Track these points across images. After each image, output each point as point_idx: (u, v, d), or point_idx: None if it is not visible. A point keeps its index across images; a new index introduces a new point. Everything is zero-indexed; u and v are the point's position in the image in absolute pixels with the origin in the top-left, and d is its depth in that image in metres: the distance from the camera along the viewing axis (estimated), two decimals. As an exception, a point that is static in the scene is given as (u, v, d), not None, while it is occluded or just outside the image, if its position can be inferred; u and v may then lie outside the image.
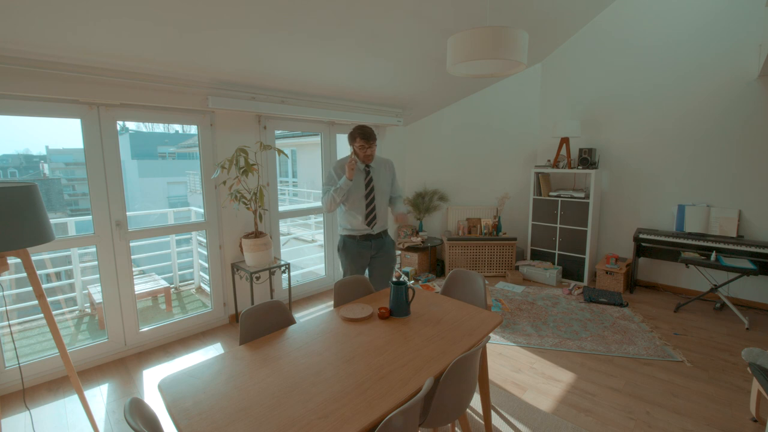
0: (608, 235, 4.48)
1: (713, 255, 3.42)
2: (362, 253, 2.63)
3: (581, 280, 4.30)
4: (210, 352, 2.96)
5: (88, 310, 3.90)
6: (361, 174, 2.56)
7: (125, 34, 2.19)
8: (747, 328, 3.21)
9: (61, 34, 2.06)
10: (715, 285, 3.50)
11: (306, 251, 6.63)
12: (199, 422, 1.16)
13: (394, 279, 2.51)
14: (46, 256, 3.73)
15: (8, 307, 3.24)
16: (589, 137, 4.45)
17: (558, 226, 4.39)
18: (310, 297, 4.09)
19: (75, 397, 2.38)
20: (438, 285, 4.29)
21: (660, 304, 3.75)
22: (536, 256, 4.62)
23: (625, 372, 2.59)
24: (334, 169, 2.56)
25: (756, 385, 2.08)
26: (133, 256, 2.95)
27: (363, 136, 2.44)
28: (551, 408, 2.24)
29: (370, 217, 2.57)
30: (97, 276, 2.81)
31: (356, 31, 2.76)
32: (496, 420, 2.15)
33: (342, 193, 2.46)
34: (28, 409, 2.27)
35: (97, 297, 3.48)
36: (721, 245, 3.47)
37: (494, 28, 1.83)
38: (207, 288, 4.01)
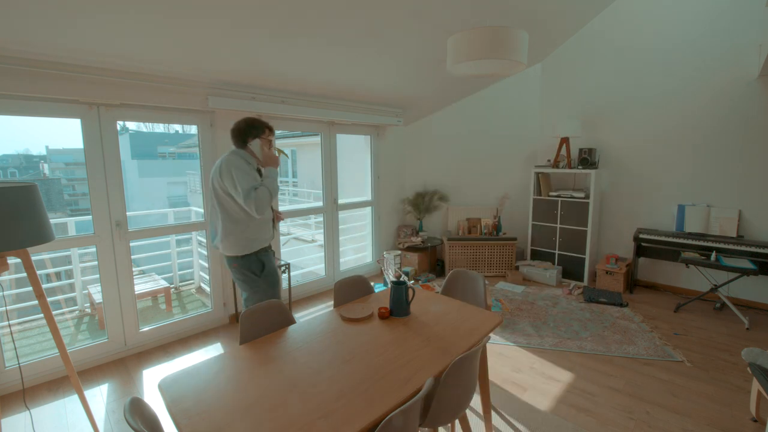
0: (608, 235, 4.48)
1: (713, 255, 3.42)
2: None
3: (581, 280, 4.30)
4: (210, 352, 2.96)
5: (88, 310, 3.90)
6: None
7: (125, 34, 2.19)
8: (747, 328, 3.21)
9: (61, 34, 2.06)
10: (715, 285, 3.50)
11: (306, 251, 6.63)
12: (199, 422, 1.16)
13: (393, 278, 2.49)
14: (46, 256, 3.73)
15: (8, 307, 3.23)
16: (589, 137, 4.45)
17: (558, 226, 4.38)
18: (310, 297, 4.09)
19: (75, 397, 2.38)
20: (438, 285, 4.29)
21: (660, 304, 3.75)
22: (536, 256, 4.62)
23: (625, 372, 2.59)
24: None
25: (756, 385, 2.08)
26: (133, 256, 2.95)
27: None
28: (551, 408, 2.24)
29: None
30: (97, 276, 2.81)
31: (356, 31, 2.76)
32: (496, 420, 2.15)
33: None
34: (28, 409, 2.27)
35: (97, 297, 3.47)
36: (721, 245, 3.47)
37: (494, 28, 1.83)
38: (207, 288, 4.01)
